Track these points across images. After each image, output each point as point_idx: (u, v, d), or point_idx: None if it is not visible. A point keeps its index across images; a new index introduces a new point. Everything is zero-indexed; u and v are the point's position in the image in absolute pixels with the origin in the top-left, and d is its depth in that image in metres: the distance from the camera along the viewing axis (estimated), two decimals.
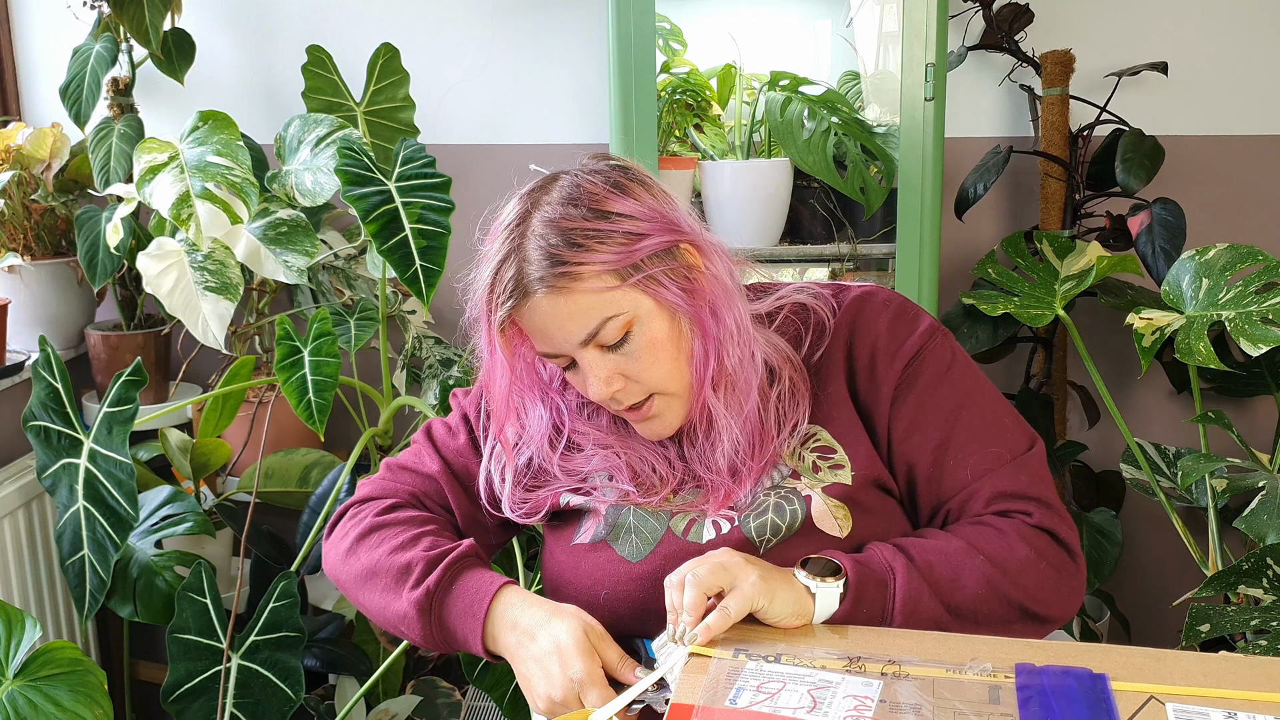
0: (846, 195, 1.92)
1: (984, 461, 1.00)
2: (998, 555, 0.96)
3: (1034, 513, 0.99)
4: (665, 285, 0.96)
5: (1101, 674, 0.82)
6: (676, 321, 0.98)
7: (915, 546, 0.96)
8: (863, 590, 0.92)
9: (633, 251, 0.95)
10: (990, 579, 0.95)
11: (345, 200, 1.59)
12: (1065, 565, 0.99)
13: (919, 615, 0.93)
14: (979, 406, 1.02)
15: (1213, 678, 0.81)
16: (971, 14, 1.99)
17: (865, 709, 0.78)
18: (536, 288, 0.94)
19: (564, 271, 0.93)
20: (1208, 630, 1.46)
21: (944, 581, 0.94)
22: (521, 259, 0.95)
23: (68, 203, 1.99)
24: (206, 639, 1.67)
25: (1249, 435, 2.10)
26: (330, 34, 2.07)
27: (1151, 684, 0.80)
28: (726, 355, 0.99)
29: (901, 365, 1.02)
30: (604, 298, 0.95)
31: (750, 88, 1.98)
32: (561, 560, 1.06)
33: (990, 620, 0.95)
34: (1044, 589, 0.97)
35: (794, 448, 1.03)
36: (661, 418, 1.01)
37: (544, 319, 0.96)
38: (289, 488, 1.91)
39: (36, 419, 1.67)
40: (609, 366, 0.97)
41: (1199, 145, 2.05)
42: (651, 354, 0.97)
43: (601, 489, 1.06)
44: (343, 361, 1.68)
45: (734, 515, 1.01)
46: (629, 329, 0.96)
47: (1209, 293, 1.68)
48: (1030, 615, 0.97)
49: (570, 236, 0.94)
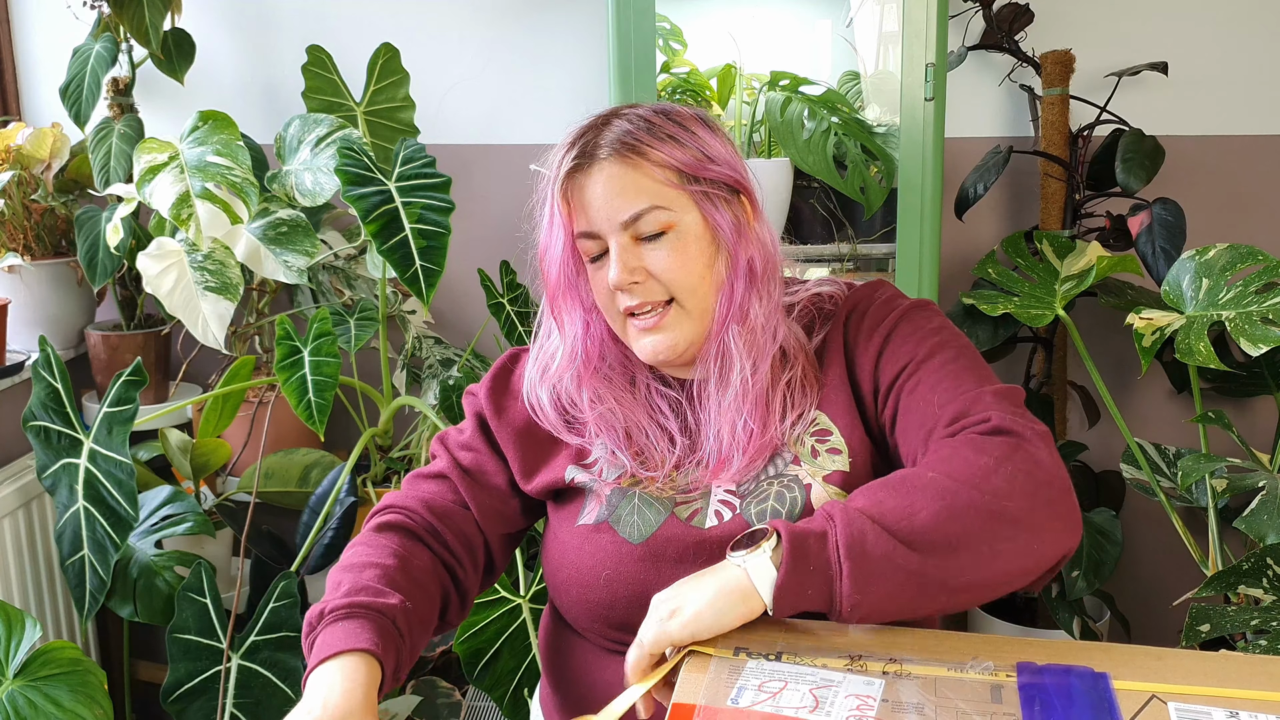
0: (846, 195, 1.92)
1: (950, 393, 0.95)
2: (951, 468, 0.87)
3: (991, 418, 0.91)
4: (718, 209, 1.01)
5: (1103, 673, 0.82)
6: (715, 245, 1.01)
7: (862, 490, 0.89)
8: (801, 547, 0.83)
9: (701, 165, 1.00)
10: (945, 492, 0.85)
11: (345, 200, 1.59)
12: (1033, 466, 0.87)
13: (871, 555, 0.82)
14: (955, 353, 0.99)
15: (1214, 677, 0.81)
16: (971, 14, 1.99)
17: (868, 708, 0.78)
18: (604, 152, 0.99)
19: (634, 145, 0.99)
20: (1208, 630, 1.46)
21: (895, 513, 0.84)
22: (599, 131, 1.01)
23: (68, 203, 1.99)
24: (206, 639, 1.67)
25: (1249, 435, 2.10)
26: (330, 34, 2.07)
27: (1153, 683, 0.80)
28: (752, 309, 1.02)
29: (884, 331, 1.03)
30: (659, 188, 0.99)
31: (750, 88, 1.98)
32: (564, 540, 1.06)
33: (964, 542, 0.84)
34: (1013, 491, 0.85)
35: (798, 435, 1.03)
36: (669, 332, 1.02)
37: (599, 187, 0.99)
38: (289, 488, 1.91)
39: (36, 419, 1.67)
40: (636, 258, 1.00)
41: (1199, 145, 2.05)
42: (681, 259, 1.00)
43: (602, 464, 1.06)
44: (343, 361, 1.68)
45: (735, 502, 1.02)
46: (668, 229, 0.99)
47: (1209, 293, 1.68)
48: (1005, 519, 0.85)
49: (651, 127, 1.00)
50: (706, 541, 1.00)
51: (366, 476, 1.94)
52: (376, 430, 1.92)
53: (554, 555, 1.07)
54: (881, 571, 0.82)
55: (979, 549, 0.84)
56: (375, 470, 1.95)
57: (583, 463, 1.08)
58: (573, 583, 1.04)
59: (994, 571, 0.85)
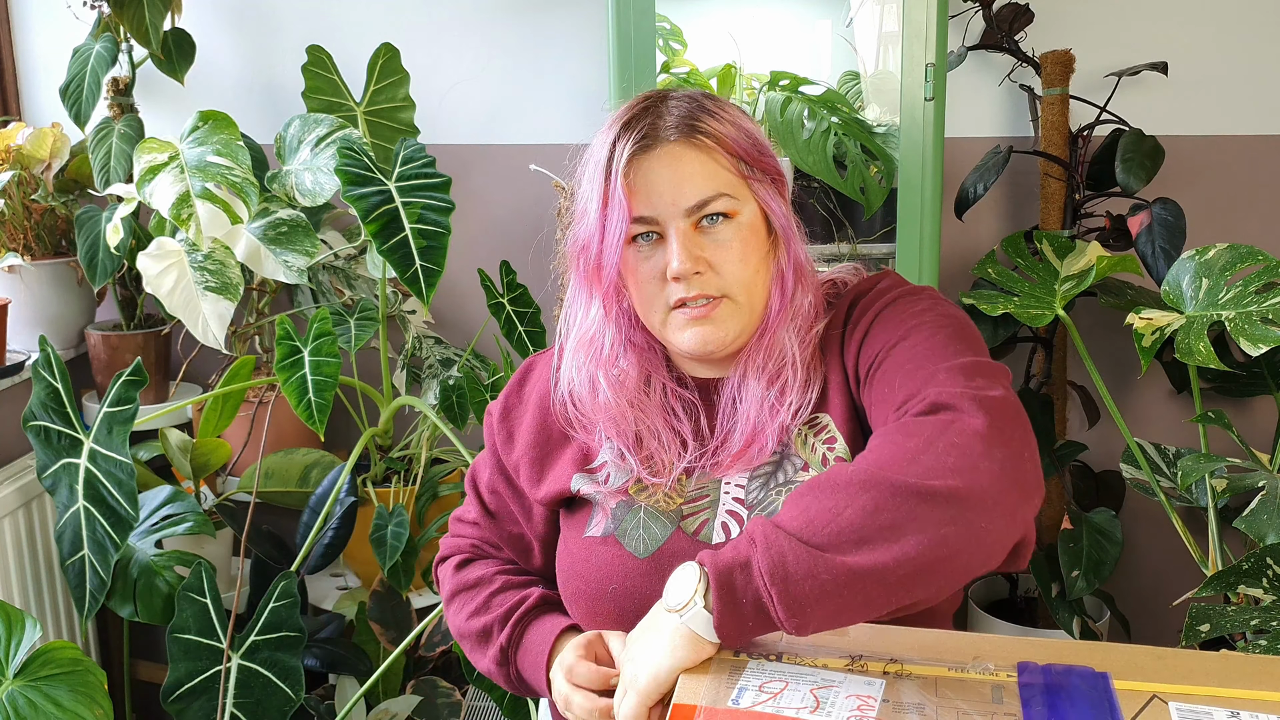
0: (846, 195, 1.92)
1: (912, 379, 0.90)
2: (878, 458, 0.81)
3: (929, 395, 0.85)
4: (774, 201, 1.00)
5: (1104, 673, 0.82)
6: (771, 240, 1.01)
7: (792, 496, 0.82)
8: (728, 585, 0.78)
9: (759, 156, 0.99)
10: (869, 484, 0.78)
11: (345, 200, 1.59)
12: (972, 443, 0.80)
13: (794, 576, 0.76)
14: (931, 331, 0.94)
15: (1215, 676, 0.81)
16: (971, 14, 1.99)
17: (869, 708, 0.77)
18: (671, 134, 0.96)
19: (704, 128, 0.96)
20: (1208, 630, 1.46)
21: (820, 518, 0.78)
22: (658, 115, 0.98)
23: (68, 203, 1.99)
24: (206, 639, 1.67)
25: (1249, 435, 2.10)
26: (330, 34, 2.07)
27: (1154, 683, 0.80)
28: (802, 302, 1.02)
29: (869, 320, 1.00)
30: (727, 176, 0.97)
31: (750, 88, 1.98)
32: (574, 551, 1.06)
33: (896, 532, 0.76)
34: (943, 468, 0.78)
35: (805, 435, 1.01)
36: (720, 325, 0.99)
37: (666, 170, 0.96)
38: (289, 488, 1.91)
39: (36, 419, 1.67)
40: (698, 245, 0.97)
41: (1199, 145, 2.05)
42: (742, 250, 0.98)
43: (610, 469, 1.05)
44: (343, 361, 1.68)
45: (744, 514, 1.00)
46: (732, 217, 0.98)
47: (1209, 293, 1.68)
48: (938, 499, 0.77)
49: (715, 111, 0.98)
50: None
51: (366, 476, 1.94)
52: (376, 430, 1.92)
53: (564, 566, 1.08)
54: (811, 590, 0.76)
55: (915, 536, 0.76)
56: (375, 470, 1.95)
57: (588, 468, 1.07)
58: (582, 594, 1.04)
59: (940, 556, 0.77)
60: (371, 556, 1.80)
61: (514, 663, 1.07)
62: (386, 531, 1.76)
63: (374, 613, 1.80)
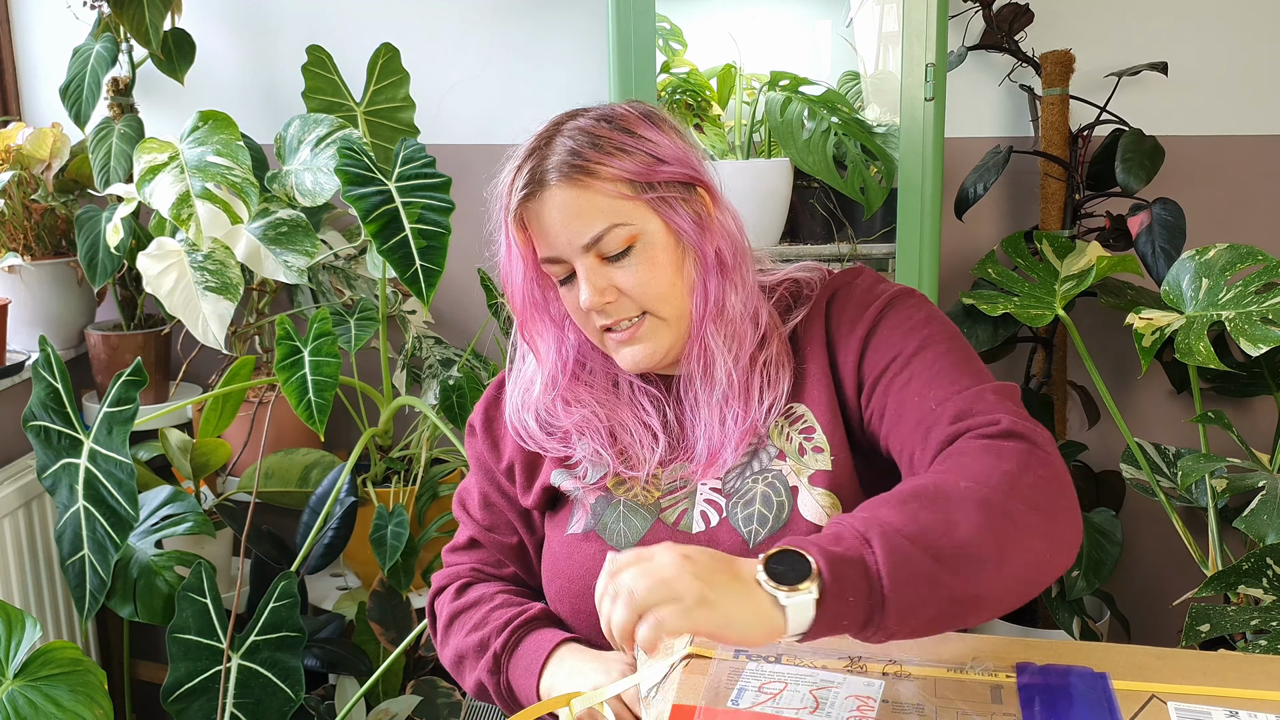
0: (846, 195, 1.92)
1: (947, 390, 0.93)
2: (980, 474, 0.82)
3: (1001, 420, 0.88)
4: (676, 211, 0.98)
5: (1103, 673, 0.82)
6: (681, 249, 1.00)
7: (890, 501, 0.81)
8: (841, 580, 0.75)
9: (652, 170, 0.98)
10: (983, 503, 0.80)
11: (345, 200, 1.59)
12: (1050, 474, 0.85)
13: (916, 583, 0.76)
14: (946, 347, 0.97)
15: (1214, 676, 0.81)
16: (971, 14, 1.99)
17: (868, 709, 0.78)
18: (553, 177, 0.97)
19: (582, 165, 0.96)
20: (1208, 630, 1.46)
21: (934, 529, 0.78)
22: (544, 155, 0.98)
23: (68, 203, 1.99)
24: (206, 639, 1.67)
25: (1249, 435, 2.10)
26: (330, 34, 2.07)
27: (1153, 683, 0.80)
28: (728, 301, 1.01)
29: (867, 324, 1.01)
30: (615, 204, 0.97)
31: (750, 88, 1.98)
32: (557, 550, 1.07)
33: (1001, 555, 0.79)
34: (1039, 500, 0.82)
35: (780, 425, 1.02)
36: (647, 342, 1.01)
37: (554, 213, 0.97)
38: (289, 488, 1.91)
39: (36, 419, 1.67)
40: (604, 278, 0.98)
41: (1199, 145, 2.05)
42: (650, 271, 0.98)
43: (587, 464, 1.06)
44: (343, 361, 1.68)
45: (722, 504, 1.01)
46: (632, 243, 0.97)
47: (1209, 293, 1.68)
48: (1034, 530, 0.81)
49: (596, 141, 0.97)
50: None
51: (366, 476, 1.94)
52: (376, 430, 1.92)
53: (548, 565, 1.08)
54: (924, 599, 0.76)
55: (1012, 561, 0.79)
56: (375, 470, 1.95)
57: (566, 464, 1.08)
58: (565, 593, 1.04)
59: (1017, 582, 0.81)
60: (371, 556, 1.80)
61: (505, 671, 1.06)
62: (386, 531, 1.76)
63: (374, 613, 1.80)
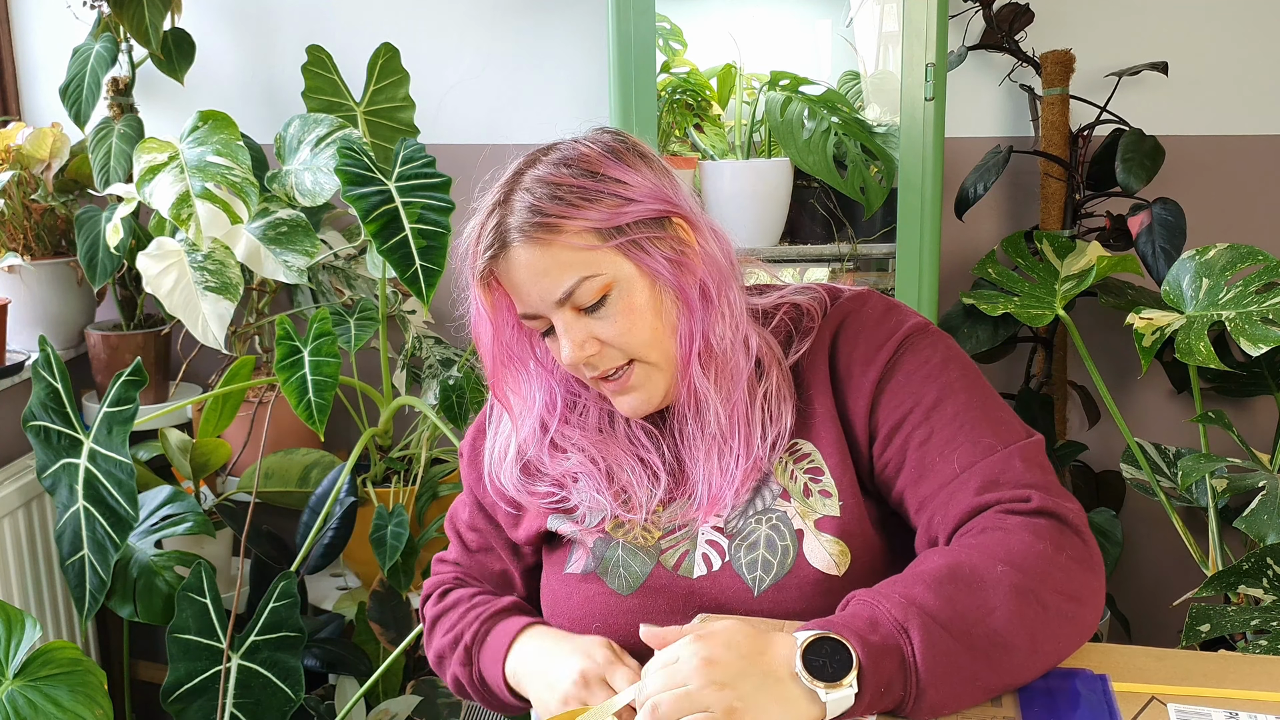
0: (846, 195, 1.92)
1: (971, 452, 0.91)
2: (1016, 557, 0.82)
3: (1032, 497, 0.87)
4: (649, 252, 0.94)
5: (1103, 675, 0.82)
6: (659, 291, 0.95)
7: (926, 580, 0.82)
8: (879, 672, 0.76)
9: (618, 214, 0.93)
10: (1019, 588, 0.81)
11: (345, 200, 1.59)
12: (1083, 555, 0.86)
13: (950, 673, 0.77)
14: (967, 398, 0.94)
15: (1214, 678, 0.81)
16: (971, 14, 1.98)
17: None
18: (515, 238, 0.93)
19: (543, 223, 0.92)
20: (1208, 630, 1.45)
21: (970, 614, 0.79)
22: (506, 210, 0.95)
23: (68, 203, 1.99)
24: (206, 639, 1.67)
25: (1249, 435, 2.10)
26: (330, 34, 2.07)
27: (1153, 684, 0.80)
28: (714, 334, 0.96)
29: (880, 367, 0.96)
30: (583, 256, 0.92)
31: (750, 88, 1.98)
32: (556, 589, 1.04)
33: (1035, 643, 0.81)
34: (1073, 582, 0.84)
35: (785, 462, 0.98)
36: (641, 390, 0.97)
37: (521, 272, 0.93)
38: (289, 488, 1.91)
39: (36, 419, 1.67)
40: (583, 330, 0.94)
41: (1199, 145, 2.05)
42: (629, 320, 0.94)
43: (585, 509, 1.02)
44: (343, 361, 1.68)
45: (724, 544, 0.98)
46: (607, 292, 0.93)
47: (1209, 293, 1.68)
48: (1066, 618, 0.83)
49: (556, 192, 0.93)
50: (696, 593, 0.97)
51: (366, 476, 1.94)
52: (376, 430, 1.92)
53: (548, 602, 1.06)
54: (956, 691, 0.78)
55: (1043, 649, 0.82)
56: (375, 470, 1.95)
57: (564, 507, 1.04)
58: (566, 630, 1.02)
59: (1045, 665, 0.83)
60: (371, 556, 1.80)
61: (476, 662, 1.04)
62: (386, 531, 1.76)
63: (374, 613, 1.80)
